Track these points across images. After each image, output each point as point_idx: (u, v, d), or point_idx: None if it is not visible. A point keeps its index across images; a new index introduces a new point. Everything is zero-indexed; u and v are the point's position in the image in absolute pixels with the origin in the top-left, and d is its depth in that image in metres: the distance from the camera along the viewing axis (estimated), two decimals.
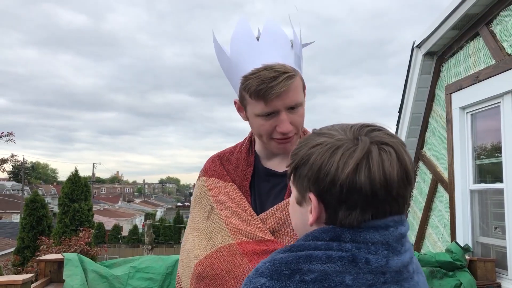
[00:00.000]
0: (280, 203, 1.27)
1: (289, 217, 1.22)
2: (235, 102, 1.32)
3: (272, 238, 1.22)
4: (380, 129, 0.80)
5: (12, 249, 17.75)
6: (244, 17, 1.25)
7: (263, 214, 1.27)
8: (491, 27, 3.55)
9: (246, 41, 1.22)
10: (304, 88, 1.27)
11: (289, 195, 1.25)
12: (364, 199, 0.74)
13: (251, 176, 1.35)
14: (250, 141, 1.41)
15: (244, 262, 1.20)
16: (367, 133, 0.78)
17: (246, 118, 1.30)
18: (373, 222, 0.76)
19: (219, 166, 1.41)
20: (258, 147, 1.39)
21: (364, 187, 0.73)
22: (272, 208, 1.27)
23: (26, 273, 8.45)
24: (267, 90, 1.15)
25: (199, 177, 1.46)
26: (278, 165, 1.34)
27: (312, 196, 0.78)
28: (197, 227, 1.35)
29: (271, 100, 1.17)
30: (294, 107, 1.22)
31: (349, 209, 0.75)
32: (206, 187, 1.39)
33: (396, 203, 0.77)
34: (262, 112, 1.20)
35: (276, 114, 1.21)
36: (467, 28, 3.85)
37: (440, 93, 4.40)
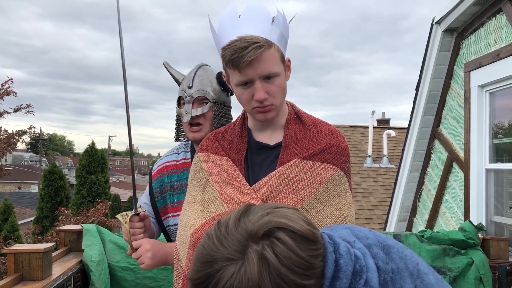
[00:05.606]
0: (272, 173, 1.34)
1: (281, 185, 1.31)
2: (224, 76, 1.41)
3: None
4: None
5: (31, 218, 18.25)
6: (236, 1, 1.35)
7: (256, 184, 1.34)
8: None
9: (229, 18, 1.31)
10: (284, 60, 1.35)
11: (281, 165, 1.34)
12: None
13: (246, 150, 1.43)
14: (244, 117, 1.49)
15: None
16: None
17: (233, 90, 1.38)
18: None
19: (214, 142, 1.49)
20: (250, 121, 1.47)
21: None
22: (264, 178, 1.34)
23: (46, 242, 8.69)
24: (239, 59, 1.23)
25: (196, 154, 1.54)
26: (269, 138, 1.42)
27: None
28: (194, 200, 1.44)
29: (243, 68, 1.25)
30: (270, 77, 1.29)
31: None
32: (202, 161, 1.48)
33: None
34: (239, 81, 1.29)
35: (252, 84, 1.28)
36: (489, 4, 3.75)
37: (458, 71, 4.33)
